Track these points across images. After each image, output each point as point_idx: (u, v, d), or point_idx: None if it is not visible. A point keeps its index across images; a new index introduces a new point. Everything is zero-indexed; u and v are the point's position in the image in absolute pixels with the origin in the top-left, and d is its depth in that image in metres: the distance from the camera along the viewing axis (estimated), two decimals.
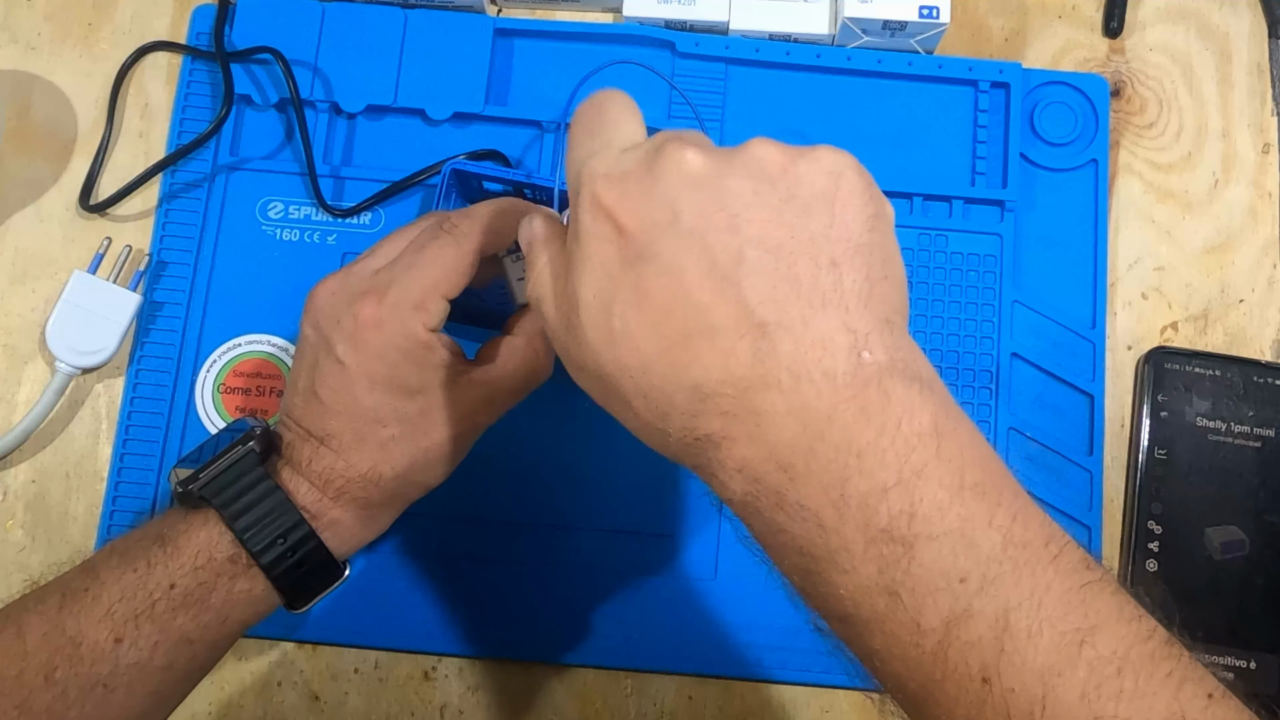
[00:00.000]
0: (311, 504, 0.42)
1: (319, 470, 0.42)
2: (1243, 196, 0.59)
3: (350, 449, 0.42)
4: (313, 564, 0.42)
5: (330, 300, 0.43)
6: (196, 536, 0.41)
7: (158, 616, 0.39)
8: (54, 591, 0.40)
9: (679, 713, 0.53)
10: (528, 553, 0.53)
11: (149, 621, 0.39)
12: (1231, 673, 0.52)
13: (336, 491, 0.43)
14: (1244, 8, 0.61)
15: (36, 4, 0.60)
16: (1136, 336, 0.57)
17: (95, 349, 0.54)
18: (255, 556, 0.41)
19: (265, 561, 0.41)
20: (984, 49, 0.60)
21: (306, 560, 0.42)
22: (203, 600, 0.40)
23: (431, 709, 0.53)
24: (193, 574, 0.40)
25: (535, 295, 0.35)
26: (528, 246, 0.36)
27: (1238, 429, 0.54)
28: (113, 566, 0.40)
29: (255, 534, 0.41)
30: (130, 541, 0.41)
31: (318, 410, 0.43)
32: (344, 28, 0.58)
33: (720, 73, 0.58)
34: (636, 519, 0.54)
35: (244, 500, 0.41)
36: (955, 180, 0.57)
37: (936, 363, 0.55)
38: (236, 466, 0.42)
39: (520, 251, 0.39)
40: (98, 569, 0.40)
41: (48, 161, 0.58)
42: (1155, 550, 0.53)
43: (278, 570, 0.41)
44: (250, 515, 0.41)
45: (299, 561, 0.41)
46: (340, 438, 0.42)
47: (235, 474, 0.41)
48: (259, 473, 0.42)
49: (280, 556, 0.41)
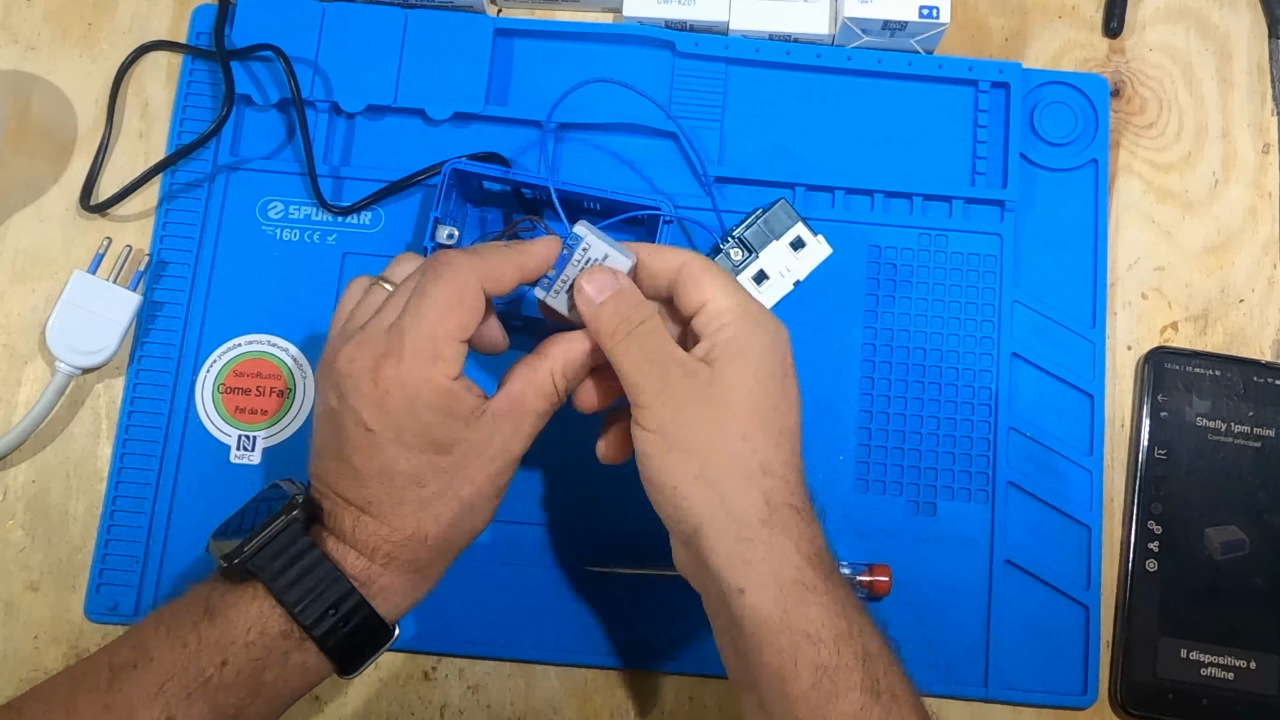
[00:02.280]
0: (360, 572, 0.42)
1: (363, 539, 0.42)
2: (1243, 196, 0.59)
3: (392, 513, 0.42)
4: (365, 632, 0.41)
5: (349, 367, 0.42)
6: (247, 611, 0.40)
7: (210, 694, 0.39)
8: (102, 666, 0.39)
9: (679, 713, 0.53)
10: (528, 553, 0.53)
11: (201, 700, 0.39)
12: (1231, 673, 0.52)
13: (385, 558, 0.42)
14: (1244, 8, 0.61)
15: (36, 4, 0.60)
16: (1136, 336, 0.57)
17: (95, 349, 0.54)
18: (308, 630, 0.40)
19: (318, 634, 0.40)
20: (984, 49, 0.60)
21: (359, 629, 0.41)
22: (256, 675, 0.40)
23: (431, 709, 0.53)
24: (245, 650, 0.40)
25: None
26: None
27: (1238, 429, 0.54)
28: (161, 640, 0.40)
29: (307, 607, 0.40)
30: (176, 612, 0.41)
31: (352, 477, 0.42)
32: (344, 27, 0.58)
33: (720, 73, 0.58)
34: (637, 519, 0.54)
35: (292, 572, 0.40)
36: (955, 180, 0.57)
37: (936, 363, 0.55)
38: (281, 537, 0.41)
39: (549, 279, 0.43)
40: (145, 642, 0.40)
41: (48, 161, 0.58)
42: (1155, 550, 0.53)
43: (331, 642, 0.41)
44: (300, 587, 0.40)
45: (351, 631, 0.41)
46: (381, 504, 0.42)
47: (281, 545, 0.41)
48: (304, 543, 0.41)
49: (333, 628, 0.40)
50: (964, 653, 0.52)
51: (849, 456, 0.54)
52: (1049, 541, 0.54)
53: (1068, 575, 0.53)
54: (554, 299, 0.44)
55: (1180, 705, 0.52)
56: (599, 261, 0.43)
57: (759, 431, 0.41)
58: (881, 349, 0.55)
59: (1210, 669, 0.52)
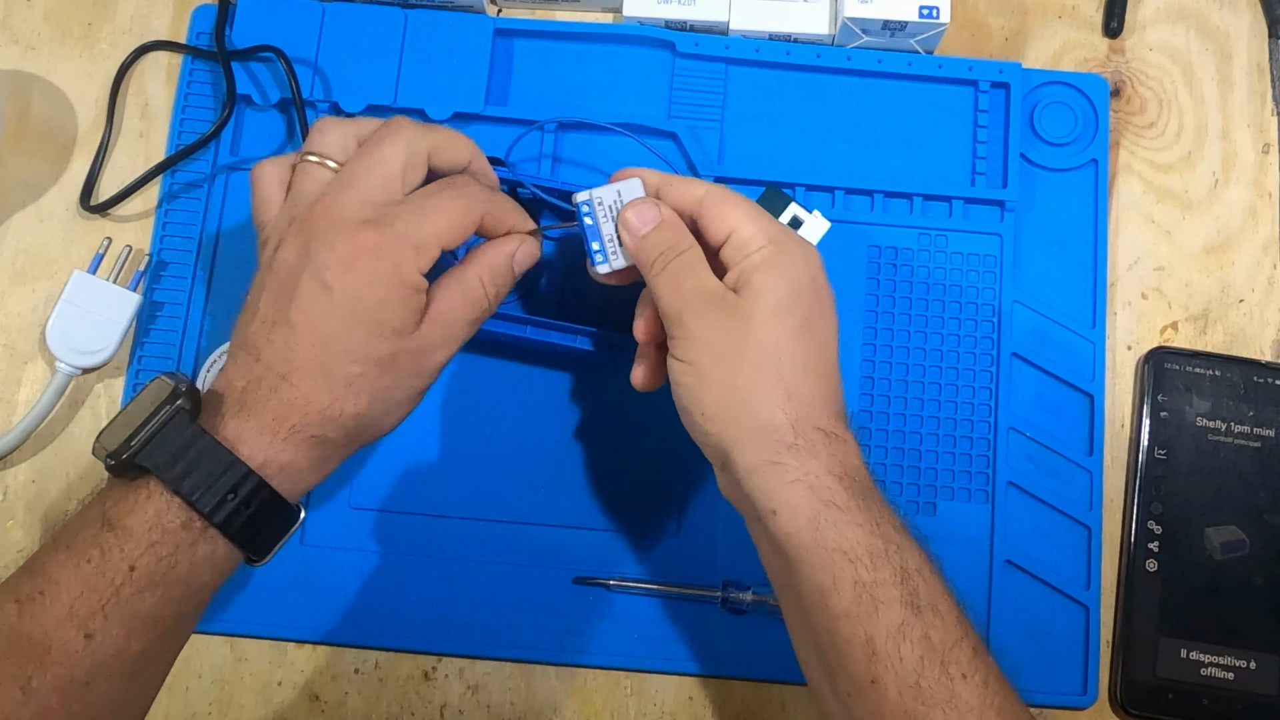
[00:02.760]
0: (258, 452, 0.40)
1: (273, 408, 0.40)
2: (1243, 196, 0.59)
3: (311, 383, 0.41)
4: (267, 513, 0.40)
5: (327, 224, 0.41)
6: (145, 511, 0.39)
7: (124, 603, 0.38)
8: (6, 602, 0.38)
9: (679, 713, 0.53)
10: (528, 553, 0.53)
11: (116, 610, 0.38)
12: (1231, 673, 0.52)
13: (290, 431, 0.41)
14: (1244, 8, 0.61)
15: (36, 4, 0.60)
16: (1136, 336, 0.57)
17: (95, 349, 0.54)
18: (208, 517, 0.39)
19: (218, 520, 0.39)
20: (984, 49, 0.60)
21: (260, 512, 0.40)
22: (167, 574, 0.38)
23: (431, 709, 0.53)
24: (150, 551, 0.38)
25: None
26: None
27: (1238, 429, 0.54)
28: (61, 563, 0.38)
29: (203, 494, 0.39)
30: (73, 531, 0.39)
31: (284, 339, 0.41)
32: (344, 28, 0.58)
33: (720, 73, 0.58)
34: (636, 520, 0.54)
35: (184, 462, 0.39)
36: (955, 180, 0.57)
37: (936, 363, 0.55)
38: (169, 428, 0.39)
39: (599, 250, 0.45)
40: (46, 568, 0.38)
41: (48, 161, 0.58)
42: (1155, 550, 0.53)
43: (233, 527, 0.39)
44: (195, 476, 0.39)
45: (254, 514, 0.40)
46: (303, 371, 0.41)
47: (168, 435, 0.39)
48: (194, 431, 0.39)
49: (234, 513, 0.39)
50: None
51: None
52: (1049, 541, 0.54)
53: (1067, 575, 0.53)
54: (614, 261, 0.45)
55: (1180, 705, 0.52)
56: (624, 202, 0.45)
57: (785, 358, 0.41)
58: (881, 349, 0.55)
59: (1210, 669, 0.52)
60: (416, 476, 0.54)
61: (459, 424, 0.55)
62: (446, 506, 0.54)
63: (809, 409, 0.41)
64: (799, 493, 0.40)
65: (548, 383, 0.55)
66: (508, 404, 0.55)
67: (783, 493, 0.40)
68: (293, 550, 0.53)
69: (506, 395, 0.55)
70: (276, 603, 0.53)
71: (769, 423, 0.41)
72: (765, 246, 0.42)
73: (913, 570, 0.39)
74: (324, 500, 0.54)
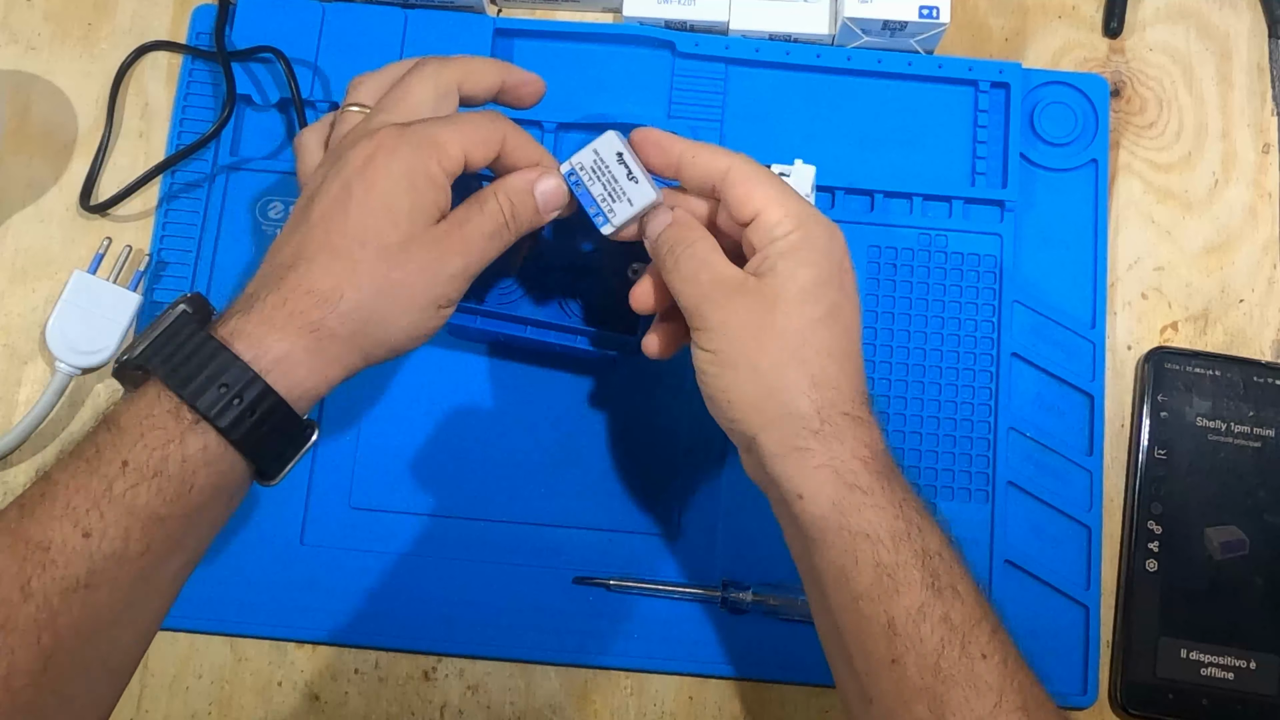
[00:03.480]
0: (254, 343, 0.39)
1: (273, 300, 0.40)
2: (1243, 196, 0.59)
3: (318, 265, 0.40)
4: (275, 421, 0.39)
5: (354, 139, 0.43)
6: (138, 405, 0.38)
7: (117, 499, 0.37)
8: (12, 506, 0.38)
9: (679, 713, 0.53)
10: (528, 553, 0.53)
11: (110, 506, 0.37)
12: (1231, 673, 0.52)
13: (286, 317, 0.40)
14: (1244, 8, 0.61)
15: (36, 4, 0.60)
16: (1136, 336, 0.57)
17: (95, 349, 0.54)
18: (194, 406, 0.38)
19: (224, 425, 0.38)
20: (984, 49, 0.60)
21: (267, 418, 0.39)
22: (160, 469, 0.37)
23: (431, 709, 0.53)
24: (140, 443, 0.37)
25: None
26: None
27: (1238, 429, 0.54)
28: (63, 465, 0.38)
29: (200, 390, 0.38)
30: (81, 441, 0.39)
31: (300, 237, 0.41)
32: (344, 28, 0.58)
33: (720, 73, 0.58)
34: (636, 519, 0.54)
35: (177, 358, 0.38)
36: (955, 180, 0.57)
37: (936, 363, 0.55)
38: (170, 328, 0.39)
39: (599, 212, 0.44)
40: (51, 474, 0.38)
41: (48, 161, 0.58)
42: (1155, 550, 0.53)
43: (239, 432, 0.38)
44: (185, 369, 0.38)
45: (260, 419, 0.39)
46: (310, 258, 0.40)
47: (169, 336, 0.39)
48: (191, 329, 0.39)
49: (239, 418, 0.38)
50: None
51: None
52: (1049, 541, 0.54)
53: (1067, 575, 0.53)
54: (614, 218, 0.44)
55: (1180, 705, 0.52)
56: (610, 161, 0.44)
57: (810, 344, 0.41)
58: (881, 349, 0.55)
59: (1210, 669, 0.52)
60: (416, 476, 0.54)
61: (459, 424, 0.55)
62: (446, 506, 0.54)
63: (835, 394, 0.41)
64: (824, 477, 0.40)
65: (548, 383, 0.55)
66: (508, 404, 0.55)
67: (808, 477, 0.40)
68: (293, 550, 0.53)
69: (506, 395, 0.55)
70: (276, 603, 0.53)
71: (795, 410, 0.41)
72: (792, 233, 0.42)
73: (933, 552, 0.39)
74: (324, 500, 0.54)
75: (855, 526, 0.39)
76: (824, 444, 0.40)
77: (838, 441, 0.41)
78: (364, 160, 0.41)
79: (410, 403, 0.55)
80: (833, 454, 0.40)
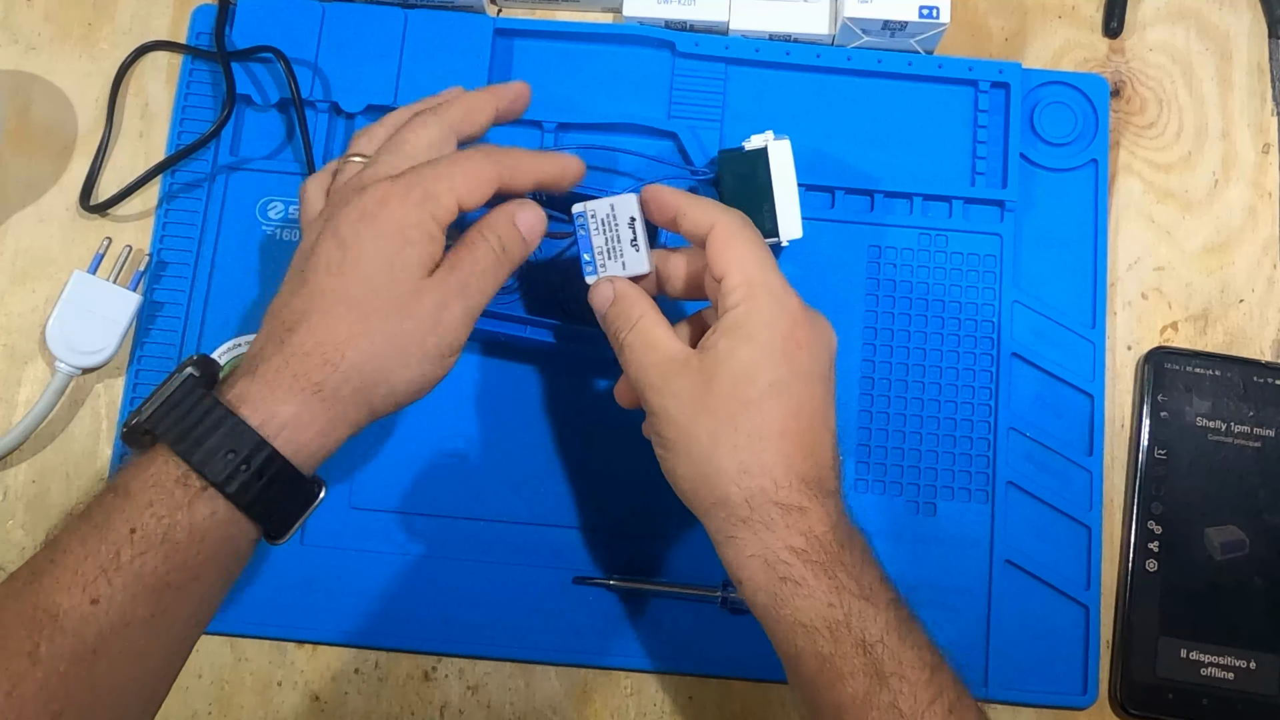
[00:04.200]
0: (261, 408, 0.39)
1: (276, 362, 0.40)
2: (1243, 196, 0.59)
3: (315, 329, 0.40)
4: (282, 483, 0.40)
5: (350, 192, 0.43)
6: (146, 472, 0.39)
7: (125, 566, 0.37)
8: (23, 572, 0.38)
9: (679, 713, 0.53)
10: (528, 553, 0.53)
11: (118, 573, 0.37)
12: (1231, 673, 0.52)
13: (291, 380, 0.40)
14: (1244, 8, 0.61)
15: (36, 4, 0.60)
16: (1136, 336, 0.57)
17: (95, 349, 0.54)
18: (220, 487, 0.38)
19: (231, 491, 0.39)
20: (984, 49, 0.60)
21: (274, 482, 0.39)
22: (167, 536, 0.38)
23: (431, 709, 0.53)
24: (148, 510, 0.38)
25: None
26: None
27: (1238, 429, 0.54)
28: (73, 531, 0.38)
29: (201, 452, 0.38)
30: (90, 505, 0.39)
31: (299, 298, 0.41)
32: (344, 28, 0.58)
33: (720, 73, 0.58)
34: (636, 519, 0.54)
35: (184, 423, 0.39)
36: (955, 180, 0.57)
37: (936, 363, 0.55)
38: (177, 394, 0.39)
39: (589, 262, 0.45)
40: (59, 540, 0.38)
41: (48, 161, 0.58)
42: (1155, 550, 0.53)
43: (247, 498, 0.39)
44: (193, 436, 0.39)
45: (268, 484, 0.39)
46: (310, 321, 0.40)
47: (176, 401, 0.39)
48: (197, 394, 0.39)
49: (246, 484, 0.39)
50: (964, 653, 0.52)
51: (849, 456, 0.54)
52: (1049, 541, 0.54)
53: (1067, 575, 0.53)
54: (601, 273, 0.45)
55: (1180, 705, 0.52)
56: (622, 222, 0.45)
57: (742, 429, 0.40)
58: (881, 349, 0.55)
59: (1210, 669, 0.52)
60: (416, 476, 0.54)
61: (459, 424, 0.55)
62: (446, 506, 0.54)
63: (767, 481, 0.40)
64: (756, 567, 0.40)
65: (547, 383, 0.55)
66: (507, 404, 0.55)
67: (743, 566, 0.41)
68: (293, 550, 0.53)
69: (506, 395, 0.55)
70: (276, 603, 0.53)
71: (723, 498, 0.41)
72: (739, 305, 0.41)
73: (874, 641, 0.39)
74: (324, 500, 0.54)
75: (791, 618, 0.40)
76: (754, 534, 0.40)
77: (768, 531, 0.40)
78: (357, 216, 0.42)
79: None
80: (763, 544, 0.40)
